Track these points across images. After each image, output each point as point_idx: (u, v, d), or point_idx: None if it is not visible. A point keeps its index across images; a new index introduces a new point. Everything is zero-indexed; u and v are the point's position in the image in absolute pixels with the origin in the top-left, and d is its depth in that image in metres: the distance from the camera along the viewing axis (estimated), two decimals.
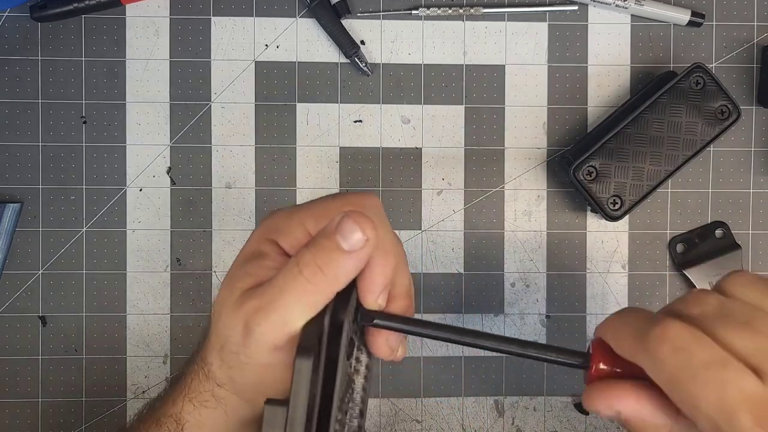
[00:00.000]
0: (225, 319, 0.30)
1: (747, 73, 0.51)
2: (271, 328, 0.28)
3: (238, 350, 0.29)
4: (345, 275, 0.28)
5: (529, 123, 0.51)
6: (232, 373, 0.31)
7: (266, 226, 0.32)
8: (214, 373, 0.32)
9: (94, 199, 0.50)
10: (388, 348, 0.31)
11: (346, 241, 0.27)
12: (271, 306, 0.28)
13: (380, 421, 0.51)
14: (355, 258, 0.28)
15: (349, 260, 0.28)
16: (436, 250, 0.51)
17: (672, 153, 0.47)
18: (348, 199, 0.31)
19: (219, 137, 0.50)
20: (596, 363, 0.29)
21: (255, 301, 0.29)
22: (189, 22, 0.50)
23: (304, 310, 0.28)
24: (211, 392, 0.32)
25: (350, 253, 0.28)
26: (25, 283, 0.49)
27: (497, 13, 0.50)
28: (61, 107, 0.49)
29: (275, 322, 0.28)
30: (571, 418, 0.51)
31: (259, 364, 0.29)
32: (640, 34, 0.51)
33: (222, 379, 0.32)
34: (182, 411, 0.33)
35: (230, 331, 0.30)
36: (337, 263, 0.28)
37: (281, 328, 0.28)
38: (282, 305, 0.28)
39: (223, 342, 0.30)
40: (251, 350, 0.29)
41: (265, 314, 0.28)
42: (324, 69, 0.50)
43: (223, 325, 0.30)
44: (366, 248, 0.28)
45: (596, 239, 0.51)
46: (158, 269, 0.50)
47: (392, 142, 0.51)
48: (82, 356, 0.50)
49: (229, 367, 0.31)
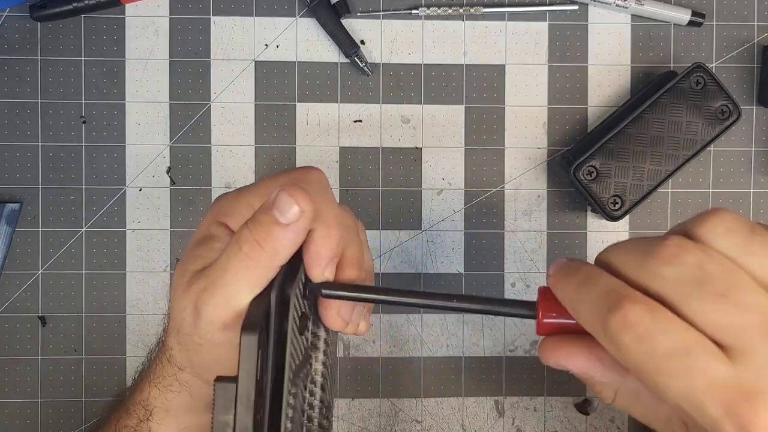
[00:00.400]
0: (176, 302, 0.30)
1: (747, 73, 0.51)
2: (218, 307, 0.28)
3: (191, 332, 0.30)
4: (284, 248, 0.28)
5: (529, 123, 0.51)
6: (190, 356, 0.31)
7: (215, 208, 0.32)
8: (175, 357, 0.32)
9: (94, 199, 0.50)
10: (341, 319, 0.31)
11: (282, 214, 0.28)
12: (215, 285, 0.28)
13: (380, 421, 0.51)
14: (293, 230, 0.28)
15: (287, 233, 0.28)
16: (436, 250, 0.51)
17: (672, 153, 0.47)
18: (291, 174, 0.32)
19: (219, 137, 0.50)
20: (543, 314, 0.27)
21: (201, 282, 0.29)
22: (189, 21, 0.50)
23: (247, 286, 0.28)
24: (174, 376, 0.33)
25: (287, 225, 0.28)
26: (25, 283, 0.49)
27: (497, 13, 0.50)
28: (61, 107, 0.49)
29: (220, 300, 0.28)
30: (572, 418, 0.51)
31: (212, 343, 0.30)
32: (641, 34, 0.51)
33: (182, 362, 0.32)
34: (149, 397, 0.34)
35: (182, 314, 0.30)
36: (274, 237, 0.28)
37: (227, 306, 0.28)
38: (225, 283, 0.28)
39: (178, 325, 0.31)
40: (202, 330, 0.29)
41: (210, 293, 0.29)
42: (324, 69, 0.50)
43: (176, 308, 0.31)
44: (302, 220, 0.28)
45: (596, 239, 0.51)
46: (158, 269, 0.50)
47: (392, 142, 0.50)
48: (82, 356, 0.50)
49: (186, 350, 0.31)
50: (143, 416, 0.34)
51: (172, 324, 0.32)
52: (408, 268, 0.51)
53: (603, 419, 0.51)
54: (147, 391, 0.34)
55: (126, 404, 0.35)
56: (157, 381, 0.33)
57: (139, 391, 0.34)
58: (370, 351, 0.51)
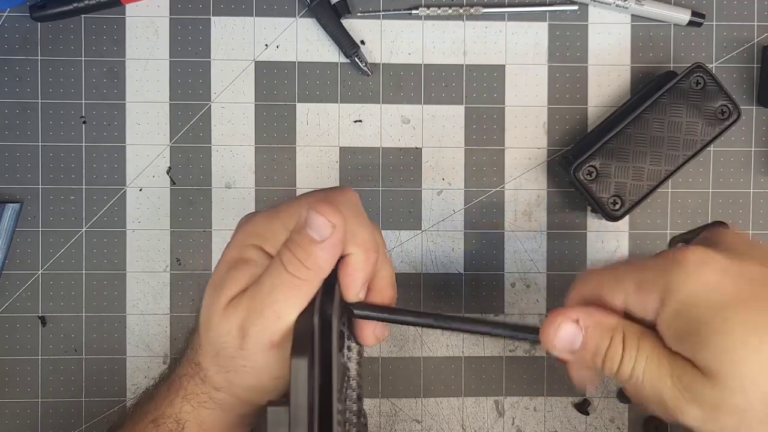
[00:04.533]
0: (216, 327, 0.31)
1: (747, 73, 0.51)
2: (267, 325, 0.29)
3: (235, 354, 0.30)
4: (324, 263, 0.29)
5: (529, 123, 0.51)
6: (230, 377, 0.32)
7: (247, 232, 0.32)
8: (211, 378, 0.33)
9: (94, 199, 0.50)
10: (375, 337, 0.32)
11: (316, 231, 0.29)
12: (263, 304, 0.29)
13: (380, 421, 0.51)
14: (328, 245, 0.29)
15: (323, 249, 0.29)
16: (436, 250, 0.51)
17: (672, 153, 0.47)
18: (322, 193, 0.32)
19: (219, 137, 0.50)
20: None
21: (247, 303, 0.30)
22: (189, 22, 0.50)
23: (295, 303, 0.29)
24: (208, 395, 0.33)
25: (322, 242, 0.29)
26: (25, 283, 0.49)
27: (497, 13, 0.50)
28: (61, 107, 0.49)
29: (269, 318, 0.29)
30: (571, 418, 0.51)
31: (257, 364, 0.30)
32: (640, 34, 0.51)
33: (220, 384, 0.32)
34: (181, 411, 0.34)
35: (224, 338, 0.30)
36: (315, 255, 0.29)
37: (276, 324, 0.29)
38: (274, 301, 0.29)
39: (217, 349, 0.31)
40: (249, 352, 0.30)
41: (259, 313, 0.29)
42: (324, 69, 0.50)
43: (216, 334, 0.31)
44: (335, 234, 0.29)
45: (596, 239, 0.51)
46: (158, 269, 0.50)
47: (392, 142, 0.50)
48: (82, 356, 0.50)
49: (226, 372, 0.31)
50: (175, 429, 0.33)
51: (207, 347, 0.32)
52: (408, 268, 0.51)
53: (603, 419, 0.51)
54: (179, 406, 0.34)
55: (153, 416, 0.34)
56: (189, 397, 0.33)
57: (169, 405, 0.34)
58: (370, 351, 0.51)
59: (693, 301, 0.26)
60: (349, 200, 0.32)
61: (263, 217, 0.32)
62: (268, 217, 0.32)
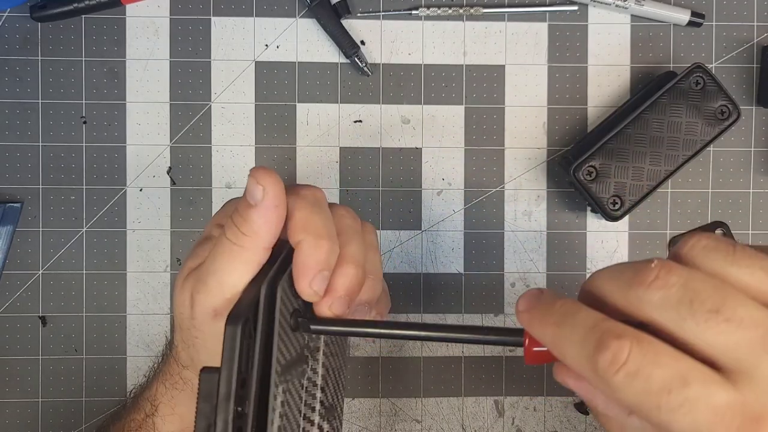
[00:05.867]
0: (176, 299, 0.32)
1: (747, 73, 0.51)
2: (210, 293, 0.29)
3: (189, 325, 0.31)
4: (260, 228, 0.29)
5: (529, 123, 0.51)
6: (191, 352, 0.32)
7: (219, 213, 0.34)
8: (179, 355, 0.34)
9: (94, 199, 0.50)
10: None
11: (250, 196, 0.29)
12: (207, 272, 0.30)
13: (380, 421, 0.51)
14: (262, 208, 0.29)
15: (257, 212, 0.29)
16: (436, 250, 0.51)
17: (672, 153, 0.47)
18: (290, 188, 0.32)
19: (219, 137, 0.50)
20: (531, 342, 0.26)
21: (196, 273, 0.31)
22: (189, 22, 0.50)
23: (236, 270, 0.29)
24: (179, 374, 0.34)
25: (256, 206, 0.29)
26: (25, 283, 0.49)
27: (497, 13, 0.50)
28: (61, 107, 0.49)
29: (212, 286, 0.29)
30: (571, 418, 0.51)
31: (205, 335, 0.30)
32: (640, 34, 0.51)
33: (185, 360, 0.34)
34: (156, 393, 0.35)
35: (180, 308, 0.31)
36: (251, 219, 0.29)
37: (219, 291, 0.29)
38: (215, 269, 0.29)
39: (179, 322, 0.32)
40: (197, 321, 0.30)
41: (203, 282, 0.30)
42: (324, 69, 0.50)
43: (176, 305, 0.32)
44: (267, 197, 0.29)
45: (596, 239, 0.51)
46: (158, 269, 0.50)
47: (392, 142, 0.51)
48: (82, 356, 0.50)
49: (187, 347, 0.32)
50: (149, 411, 0.35)
51: (174, 322, 0.33)
52: (408, 268, 0.51)
53: None
54: (155, 388, 0.35)
55: (136, 400, 0.37)
56: (164, 378, 0.35)
57: (149, 387, 0.36)
58: (370, 351, 0.51)
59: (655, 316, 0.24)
60: (312, 194, 0.31)
61: (234, 201, 0.33)
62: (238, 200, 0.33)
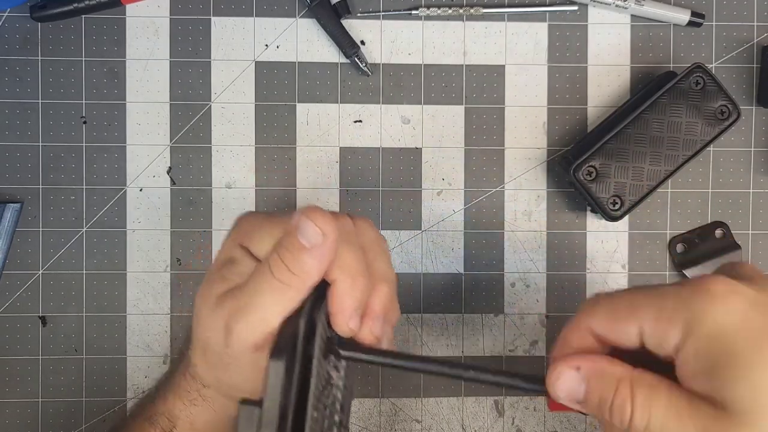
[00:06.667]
0: (204, 322, 0.31)
1: (747, 73, 0.51)
2: (250, 328, 0.29)
3: (221, 350, 0.30)
4: (311, 270, 0.29)
5: (529, 123, 0.51)
6: (218, 374, 0.32)
7: (237, 232, 0.33)
8: (200, 375, 0.33)
9: (94, 199, 0.50)
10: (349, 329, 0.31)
11: (305, 237, 0.28)
12: (248, 306, 0.29)
13: (380, 421, 0.51)
14: (317, 253, 0.28)
15: (312, 256, 0.28)
16: (436, 250, 0.51)
17: (672, 153, 0.47)
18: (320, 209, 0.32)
19: (219, 137, 0.50)
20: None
21: (233, 302, 0.30)
22: (189, 22, 0.50)
23: (279, 308, 0.29)
24: (198, 392, 0.33)
25: (311, 249, 0.28)
26: (25, 283, 0.49)
27: (497, 13, 0.50)
28: (61, 107, 0.49)
29: (253, 321, 0.29)
30: (571, 418, 0.51)
31: (242, 363, 0.30)
32: (640, 34, 0.51)
33: (207, 380, 0.33)
34: (174, 408, 0.34)
35: (211, 333, 0.30)
36: (302, 260, 0.28)
37: (259, 327, 0.29)
38: (258, 304, 0.29)
39: (204, 344, 0.31)
40: (233, 350, 0.30)
41: (244, 315, 0.29)
42: (324, 69, 0.50)
43: (204, 328, 0.31)
44: (326, 243, 0.28)
45: (596, 239, 0.51)
46: (158, 269, 0.50)
47: (392, 142, 0.51)
48: (82, 356, 0.50)
49: (213, 368, 0.32)
50: (167, 427, 0.34)
51: (196, 343, 0.32)
52: (408, 268, 0.51)
53: None
54: (172, 403, 0.34)
55: (148, 413, 0.35)
56: (182, 393, 0.34)
57: (163, 402, 0.34)
58: None
59: (721, 331, 0.24)
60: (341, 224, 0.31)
61: (253, 221, 0.32)
62: (259, 221, 0.32)
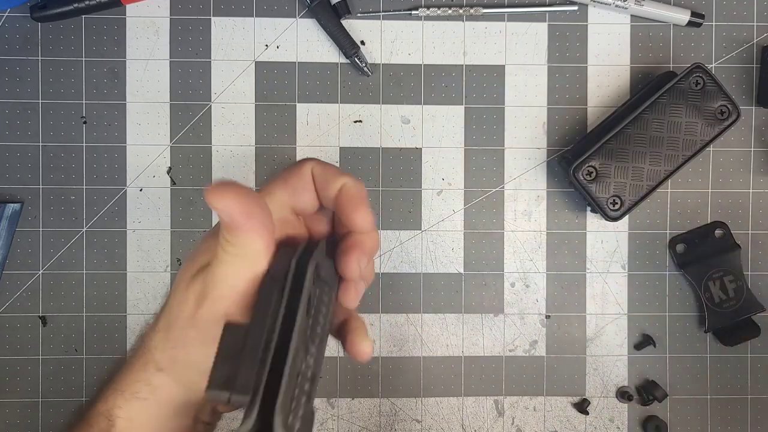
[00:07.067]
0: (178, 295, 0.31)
1: (747, 73, 0.51)
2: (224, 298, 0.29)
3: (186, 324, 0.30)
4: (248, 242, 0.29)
5: (529, 123, 0.51)
6: (176, 353, 0.31)
7: None
8: (155, 357, 0.32)
9: (94, 199, 0.50)
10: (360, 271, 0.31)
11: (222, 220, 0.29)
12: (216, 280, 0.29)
13: (380, 421, 0.51)
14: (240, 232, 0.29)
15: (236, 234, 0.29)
16: (436, 250, 0.51)
17: (672, 153, 0.47)
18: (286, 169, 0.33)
19: (219, 137, 0.50)
20: None
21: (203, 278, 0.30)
22: (189, 22, 0.50)
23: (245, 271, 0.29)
24: (146, 381, 0.32)
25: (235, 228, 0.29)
26: (26, 283, 0.49)
27: (497, 13, 0.50)
28: (61, 107, 0.49)
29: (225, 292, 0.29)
30: (571, 418, 0.51)
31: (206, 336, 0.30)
32: (640, 34, 0.51)
33: (163, 362, 0.32)
34: (114, 407, 0.33)
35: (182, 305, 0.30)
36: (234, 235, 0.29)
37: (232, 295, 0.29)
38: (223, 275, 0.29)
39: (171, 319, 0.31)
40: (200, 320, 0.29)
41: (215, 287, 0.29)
42: (324, 69, 0.50)
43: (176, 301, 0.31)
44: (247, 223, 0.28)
45: (596, 239, 0.51)
46: (158, 269, 0.50)
47: (392, 142, 0.51)
48: (82, 356, 0.50)
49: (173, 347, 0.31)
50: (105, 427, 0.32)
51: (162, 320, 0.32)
52: (408, 268, 0.51)
53: (602, 419, 0.51)
54: (112, 401, 0.33)
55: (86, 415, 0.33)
56: (123, 388, 0.33)
57: (103, 401, 0.33)
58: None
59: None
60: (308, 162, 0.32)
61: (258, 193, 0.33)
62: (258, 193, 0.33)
